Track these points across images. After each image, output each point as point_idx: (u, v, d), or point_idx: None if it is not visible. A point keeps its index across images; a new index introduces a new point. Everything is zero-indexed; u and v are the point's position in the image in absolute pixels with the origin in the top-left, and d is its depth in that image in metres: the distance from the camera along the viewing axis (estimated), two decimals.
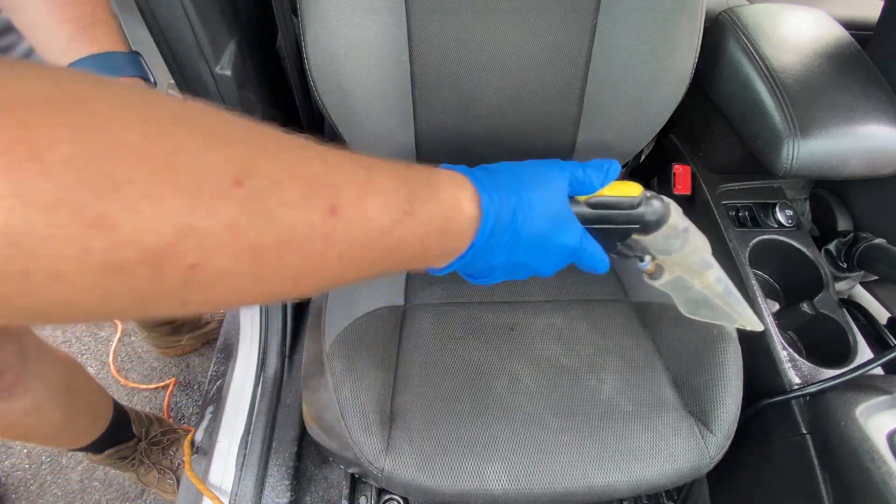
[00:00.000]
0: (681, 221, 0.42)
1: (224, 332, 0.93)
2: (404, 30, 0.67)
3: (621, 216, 0.39)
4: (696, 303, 0.51)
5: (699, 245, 0.44)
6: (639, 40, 0.69)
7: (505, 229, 0.32)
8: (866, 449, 0.53)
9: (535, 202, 0.33)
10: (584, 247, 0.37)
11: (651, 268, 0.47)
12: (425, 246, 0.28)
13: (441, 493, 0.51)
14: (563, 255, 0.37)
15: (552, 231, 0.35)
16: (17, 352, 0.63)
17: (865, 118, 0.66)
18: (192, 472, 0.73)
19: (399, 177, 0.26)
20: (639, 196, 0.39)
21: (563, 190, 0.36)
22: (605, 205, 0.38)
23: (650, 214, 0.40)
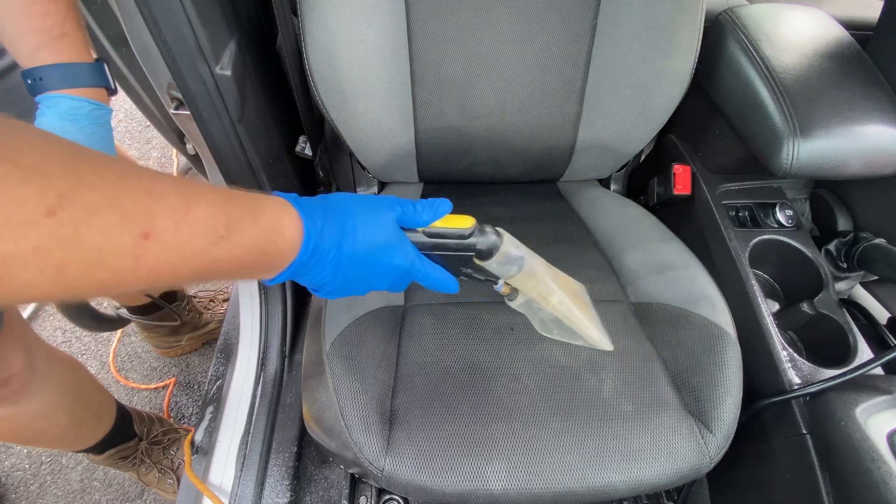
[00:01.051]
0: (514, 250, 0.48)
1: (224, 332, 0.93)
2: (404, 30, 0.67)
3: (455, 244, 0.46)
4: (548, 323, 0.58)
5: (537, 270, 0.50)
6: (639, 40, 0.69)
7: (328, 250, 0.37)
8: (866, 449, 0.53)
9: (360, 229, 0.39)
10: (419, 268, 0.44)
11: (505, 290, 0.53)
12: (243, 264, 0.32)
13: (441, 493, 0.51)
14: (396, 273, 0.43)
15: (379, 253, 0.40)
16: (24, 356, 0.63)
17: (865, 118, 0.66)
18: (192, 472, 0.73)
19: (220, 205, 0.30)
20: (469, 227, 0.45)
21: (390, 220, 0.42)
22: (439, 234, 0.45)
23: (481, 244, 0.46)
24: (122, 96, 0.93)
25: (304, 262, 0.36)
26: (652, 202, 0.92)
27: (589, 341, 0.56)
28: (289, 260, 0.36)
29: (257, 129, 0.67)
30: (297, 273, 0.37)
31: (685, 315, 0.63)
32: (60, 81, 0.46)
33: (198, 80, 0.55)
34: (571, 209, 0.85)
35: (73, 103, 0.47)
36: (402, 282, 0.45)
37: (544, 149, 0.81)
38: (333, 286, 0.40)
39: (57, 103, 0.47)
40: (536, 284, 0.51)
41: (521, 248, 0.49)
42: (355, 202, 0.41)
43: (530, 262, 0.49)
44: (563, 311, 0.53)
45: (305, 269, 0.37)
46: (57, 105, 0.47)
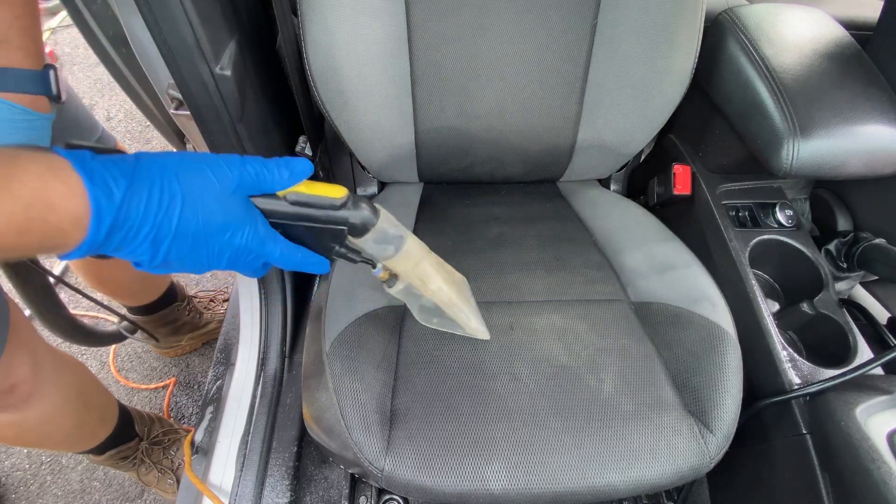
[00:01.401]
0: (392, 229, 0.44)
1: (224, 333, 0.93)
2: (404, 30, 0.67)
3: (323, 215, 0.40)
4: (428, 310, 0.54)
5: (415, 253, 0.46)
6: (639, 40, 0.69)
7: (137, 227, 0.31)
8: (866, 449, 0.53)
9: (186, 199, 0.32)
10: (270, 250, 0.37)
11: (384, 275, 0.49)
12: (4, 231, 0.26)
13: (441, 493, 0.51)
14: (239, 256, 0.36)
15: (214, 232, 0.34)
16: (30, 362, 0.63)
17: (865, 118, 0.66)
18: (192, 472, 0.73)
19: None
20: (341, 197, 0.40)
21: (228, 186, 0.35)
22: (305, 203, 0.39)
23: (354, 217, 0.41)
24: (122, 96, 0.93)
25: (98, 241, 0.30)
26: (652, 202, 0.92)
27: (468, 330, 0.54)
28: (74, 239, 0.29)
29: (257, 129, 0.67)
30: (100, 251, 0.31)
31: (685, 315, 0.63)
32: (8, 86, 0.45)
33: (198, 80, 0.55)
34: (571, 209, 0.85)
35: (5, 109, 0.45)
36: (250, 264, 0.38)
37: (544, 149, 0.81)
38: (155, 265, 0.34)
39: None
40: (415, 269, 0.47)
41: (400, 227, 0.45)
42: (179, 162, 0.33)
43: (410, 243, 0.46)
44: (443, 299, 0.51)
45: (108, 247, 0.31)
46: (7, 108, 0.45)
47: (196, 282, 1.33)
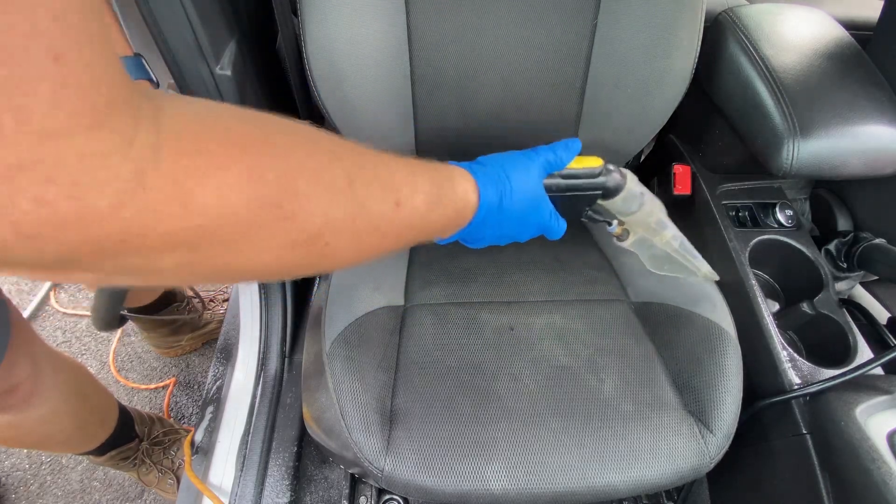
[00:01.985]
0: (636, 187, 0.50)
1: (224, 332, 0.93)
2: (404, 30, 0.67)
3: (587, 184, 0.48)
4: (658, 259, 0.60)
5: (655, 207, 0.53)
6: (639, 40, 0.69)
7: (494, 211, 0.42)
8: (866, 449, 0.53)
9: (518, 189, 0.43)
10: (552, 223, 0.47)
11: (618, 231, 0.56)
12: (444, 224, 0.38)
13: (441, 493, 0.51)
14: (536, 227, 0.46)
15: (529, 211, 0.44)
16: (30, 363, 0.63)
17: (865, 118, 0.66)
18: (192, 472, 0.73)
19: (432, 177, 0.36)
20: (600, 166, 0.48)
21: (538, 175, 0.45)
22: (574, 175, 0.47)
23: (610, 181, 0.49)
24: None
25: (478, 222, 0.41)
26: None
27: (699, 273, 0.59)
28: (468, 220, 0.41)
29: None
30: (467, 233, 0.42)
31: (685, 315, 0.63)
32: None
33: (198, 80, 0.55)
34: None
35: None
36: (536, 234, 0.48)
37: None
38: (489, 239, 0.45)
39: None
40: (652, 221, 0.53)
41: (641, 185, 0.52)
42: (511, 164, 0.44)
43: (649, 198, 0.52)
44: (675, 245, 0.56)
45: (476, 228, 0.42)
46: None
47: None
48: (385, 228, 0.31)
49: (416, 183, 0.34)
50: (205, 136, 0.22)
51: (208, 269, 0.24)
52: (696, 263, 0.58)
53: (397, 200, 0.31)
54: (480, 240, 0.45)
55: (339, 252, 0.28)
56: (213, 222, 0.22)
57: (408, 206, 0.32)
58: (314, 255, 0.27)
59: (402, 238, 0.34)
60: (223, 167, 0.22)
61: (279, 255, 0.25)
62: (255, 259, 0.25)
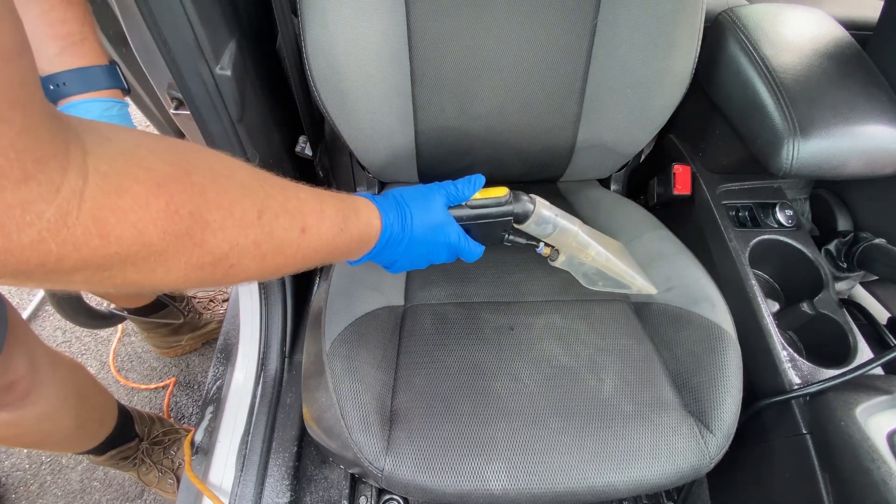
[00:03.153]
0: (546, 211, 0.54)
1: (224, 333, 0.93)
2: (404, 30, 0.67)
3: (496, 211, 0.53)
4: (591, 276, 0.63)
5: (571, 228, 0.56)
6: (639, 40, 0.69)
7: (398, 235, 0.48)
8: (866, 449, 0.53)
9: (417, 216, 0.49)
10: (462, 245, 0.52)
11: (547, 251, 0.59)
12: (350, 248, 0.43)
13: (441, 493, 0.51)
14: (447, 249, 0.52)
15: (433, 235, 0.50)
16: (27, 360, 0.63)
17: (865, 118, 0.66)
18: (192, 472, 0.73)
19: (339, 207, 0.41)
20: (505, 195, 0.53)
21: (440, 204, 0.51)
22: (481, 205, 0.52)
23: (518, 208, 0.53)
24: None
25: (382, 246, 0.47)
26: (652, 202, 0.92)
27: (633, 287, 0.62)
28: (373, 245, 0.46)
29: (257, 129, 0.67)
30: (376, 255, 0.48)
31: (685, 315, 0.63)
32: (84, 85, 0.49)
33: (198, 80, 0.55)
34: (571, 209, 0.85)
35: (104, 106, 0.49)
36: (451, 255, 0.53)
37: (544, 149, 0.81)
38: (403, 263, 0.51)
39: (89, 108, 0.49)
40: (573, 240, 0.56)
41: (555, 209, 0.56)
42: (410, 194, 0.50)
43: (563, 220, 0.55)
44: (602, 262, 0.59)
45: (382, 251, 0.48)
46: (90, 110, 0.49)
47: None
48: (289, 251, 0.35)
49: (324, 212, 0.38)
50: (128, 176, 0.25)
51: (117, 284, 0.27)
52: (628, 278, 0.61)
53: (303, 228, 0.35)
54: (395, 262, 0.51)
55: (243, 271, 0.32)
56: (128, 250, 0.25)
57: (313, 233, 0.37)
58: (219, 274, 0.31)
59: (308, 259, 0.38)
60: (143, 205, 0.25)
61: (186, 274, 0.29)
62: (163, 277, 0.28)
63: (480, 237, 0.55)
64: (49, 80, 0.47)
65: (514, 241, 0.56)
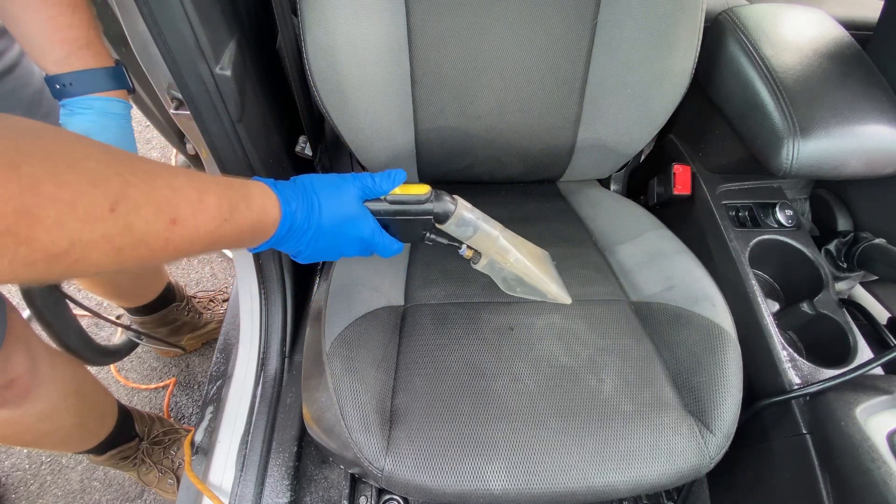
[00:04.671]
0: (468, 213, 0.54)
1: (224, 332, 0.93)
2: (404, 30, 0.67)
3: (415, 209, 0.52)
4: (510, 281, 0.63)
5: (491, 232, 0.56)
6: (639, 40, 0.69)
7: (302, 225, 0.45)
8: (866, 449, 0.53)
9: (326, 206, 0.47)
10: (378, 239, 0.51)
11: (469, 254, 0.59)
12: (240, 239, 0.41)
13: (441, 492, 0.51)
14: (359, 243, 0.50)
15: (345, 226, 0.48)
16: (26, 358, 0.63)
17: (865, 118, 0.66)
18: (192, 472, 0.73)
19: (223, 195, 0.38)
20: (426, 193, 0.51)
21: (353, 195, 0.49)
22: (400, 201, 0.51)
23: (438, 207, 0.52)
24: None
25: (282, 235, 0.45)
26: (652, 202, 0.92)
27: (549, 295, 0.63)
28: (270, 234, 0.44)
29: (257, 129, 0.67)
30: (277, 244, 0.46)
31: (685, 315, 0.63)
32: (90, 86, 0.50)
33: (198, 80, 0.55)
34: (571, 209, 0.85)
35: (106, 104, 0.51)
36: (365, 249, 0.52)
37: (544, 149, 0.81)
38: (308, 253, 0.48)
39: (91, 104, 0.50)
40: (494, 244, 0.56)
41: (476, 212, 0.55)
42: (320, 183, 0.48)
43: (485, 224, 0.55)
44: (521, 268, 0.59)
45: (284, 240, 0.46)
46: (91, 106, 0.50)
47: (196, 282, 1.33)
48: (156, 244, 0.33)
49: (203, 201, 0.36)
50: None
51: None
52: (544, 286, 0.62)
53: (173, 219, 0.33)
54: (301, 253, 0.48)
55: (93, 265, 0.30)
56: None
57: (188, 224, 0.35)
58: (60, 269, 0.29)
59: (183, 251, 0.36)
60: None
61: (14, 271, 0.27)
62: None
63: (399, 234, 0.54)
64: (55, 80, 0.49)
65: (435, 241, 0.55)
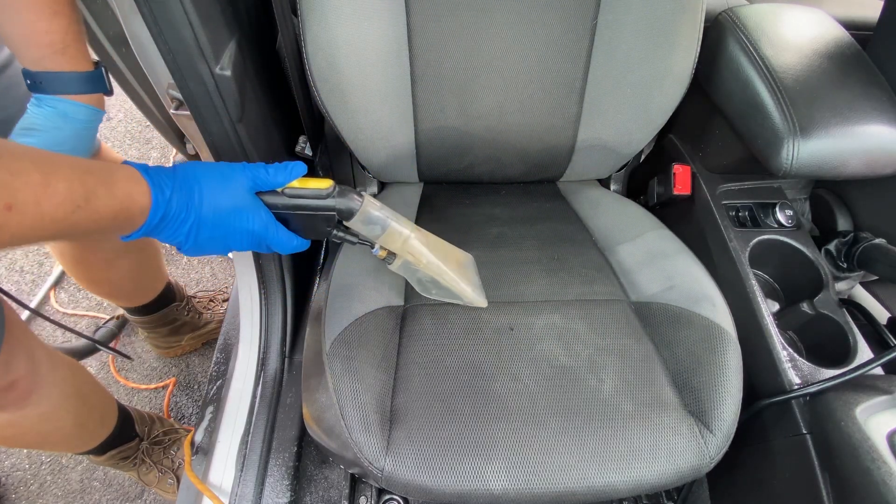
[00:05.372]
0: (376, 211, 0.51)
1: (224, 332, 0.93)
2: (404, 30, 0.67)
3: (316, 204, 0.49)
4: (425, 283, 0.61)
5: (402, 232, 0.54)
6: (639, 40, 0.69)
7: (180, 215, 0.43)
8: (866, 449, 0.53)
9: (208, 196, 0.44)
10: (272, 233, 0.48)
11: (382, 253, 0.57)
12: (100, 226, 0.38)
13: (441, 493, 0.51)
14: (248, 236, 0.47)
15: (230, 218, 0.45)
16: (27, 359, 0.63)
17: (865, 118, 0.66)
18: (192, 472, 0.73)
19: (77, 180, 0.35)
20: (327, 188, 0.49)
21: (242, 185, 0.46)
22: (298, 195, 0.48)
23: (341, 204, 0.49)
24: (123, 96, 0.93)
25: (153, 225, 0.42)
26: (652, 202, 0.92)
27: (464, 298, 0.61)
28: (139, 223, 0.41)
29: (257, 129, 0.67)
30: (152, 232, 0.43)
31: (685, 315, 0.63)
32: (60, 87, 0.50)
33: (198, 80, 0.55)
34: (571, 209, 0.85)
35: (70, 107, 0.50)
36: (257, 244, 0.49)
37: (544, 149, 0.81)
38: (190, 245, 0.45)
39: (56, 104, 0.50)
40: (405, 245, 0.54)
41: (387, 210, 0.53)
42: (204, 171, 0.45)
43: (395, 224, 0.53)
44: (434, 270, 0.58)
45: (158, 230, 0.43)
46: (55, 105, 0.50)
47: (196, 282, 1.33)
48: None
49: (50, 185, 0.34)
50: None
51: None
52: (458, 288, 0.60)
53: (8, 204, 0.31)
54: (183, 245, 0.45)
55: None
56: None
57: (28, 211, 0.33)
58: None
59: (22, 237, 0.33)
60: None
61: None
62: None
63: (301, 229, 0.51)
64: (28, 76, 0.49)
65: (343, 239, 0.53)
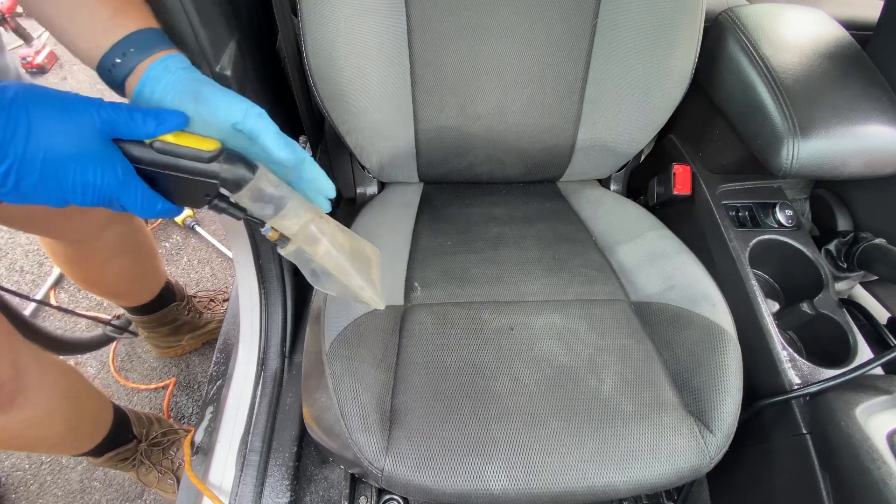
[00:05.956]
0: (271, 188, 0.43)
1: (224, 332, 0.93)
2: (404, 30, 0.67)
3: (194, 167, 0.40)
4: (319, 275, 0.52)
5: (299, 215, 0.46)
6: (639, 40, 0.69)
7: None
8: (866, 449, 0.53)
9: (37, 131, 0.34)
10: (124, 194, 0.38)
11: (273, 235, 0.48)
12: None
13: (441, 492, 0.51)
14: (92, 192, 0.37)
15: (68, 164, 0.35)
16: (11, 364, 0.62)
17: (865, 118, 0.66)
18: (192, 472, 0.73)
19: None
20: (211, 151, 0.40)
21: (89, 125, 0.36)
22: (171, 152, 0.39)
23: (225, 172, 0.41)
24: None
25: None
26: (652, 202, 0.92)
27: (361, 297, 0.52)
28: None
29: None
30: None
31: (686, 315, 0.63)
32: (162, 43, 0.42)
33: None
34: (571, 209, 0.85)
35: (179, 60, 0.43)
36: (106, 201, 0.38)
37: (544, 149, 0.81)
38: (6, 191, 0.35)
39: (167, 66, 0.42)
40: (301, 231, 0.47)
41: (284, 188, 0.45)
42: (38, 97, 0.35)
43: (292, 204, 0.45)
44: (331, 263, 0.50)
45: None
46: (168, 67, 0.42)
47: (196, 282, 1.33)
48: None
49: None
50: None
51: None
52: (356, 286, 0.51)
53: None
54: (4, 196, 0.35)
55: None
56: None
57: None
58: None
59: None
60: None
61: None
62: None
63: (171, 193, 0.42)
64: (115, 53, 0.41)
65: (224, 211, 0.45)
